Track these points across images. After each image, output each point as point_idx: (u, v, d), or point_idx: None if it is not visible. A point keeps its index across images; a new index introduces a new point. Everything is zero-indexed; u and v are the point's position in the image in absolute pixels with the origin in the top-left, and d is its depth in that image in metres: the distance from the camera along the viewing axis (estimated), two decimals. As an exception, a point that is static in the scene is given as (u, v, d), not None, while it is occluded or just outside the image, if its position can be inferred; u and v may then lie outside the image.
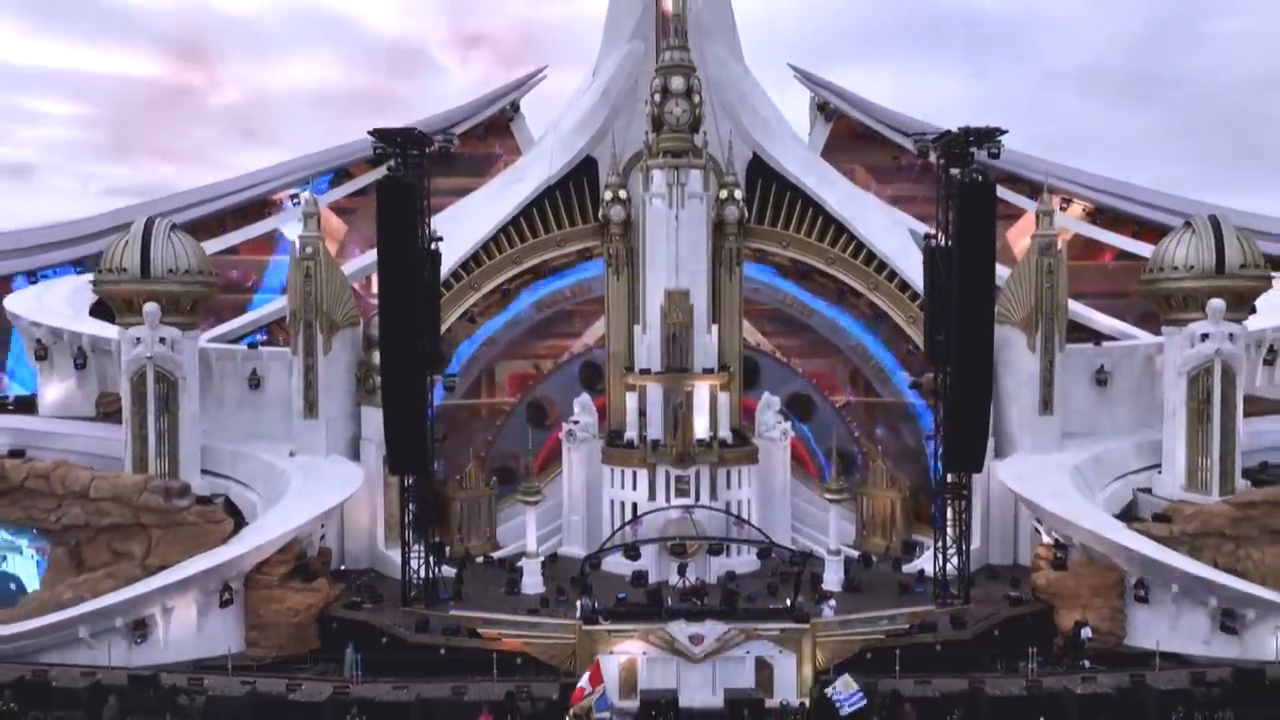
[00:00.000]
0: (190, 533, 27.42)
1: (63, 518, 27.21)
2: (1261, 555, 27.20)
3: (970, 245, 26.95)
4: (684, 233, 33.80)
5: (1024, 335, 32.20)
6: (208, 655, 26.33)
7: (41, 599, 26.84)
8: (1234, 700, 22.27)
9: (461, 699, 22.38)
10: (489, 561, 33.45)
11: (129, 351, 28.59)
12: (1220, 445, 28.58)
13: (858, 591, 29.67)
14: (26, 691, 22.76)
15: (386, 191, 27.01)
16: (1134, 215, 40.96)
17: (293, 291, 31.94)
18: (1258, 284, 29.18)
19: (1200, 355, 28.71)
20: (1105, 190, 41.25)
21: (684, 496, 31.07)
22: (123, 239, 29.06)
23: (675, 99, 33.75)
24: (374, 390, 32.33)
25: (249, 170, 41.39)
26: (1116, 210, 41.21)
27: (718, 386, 33.53)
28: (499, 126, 42.92)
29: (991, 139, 27.53)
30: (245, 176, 40.80)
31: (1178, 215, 39.37)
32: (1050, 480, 30.02)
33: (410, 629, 26.07)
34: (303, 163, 41.02)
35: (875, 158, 42.42)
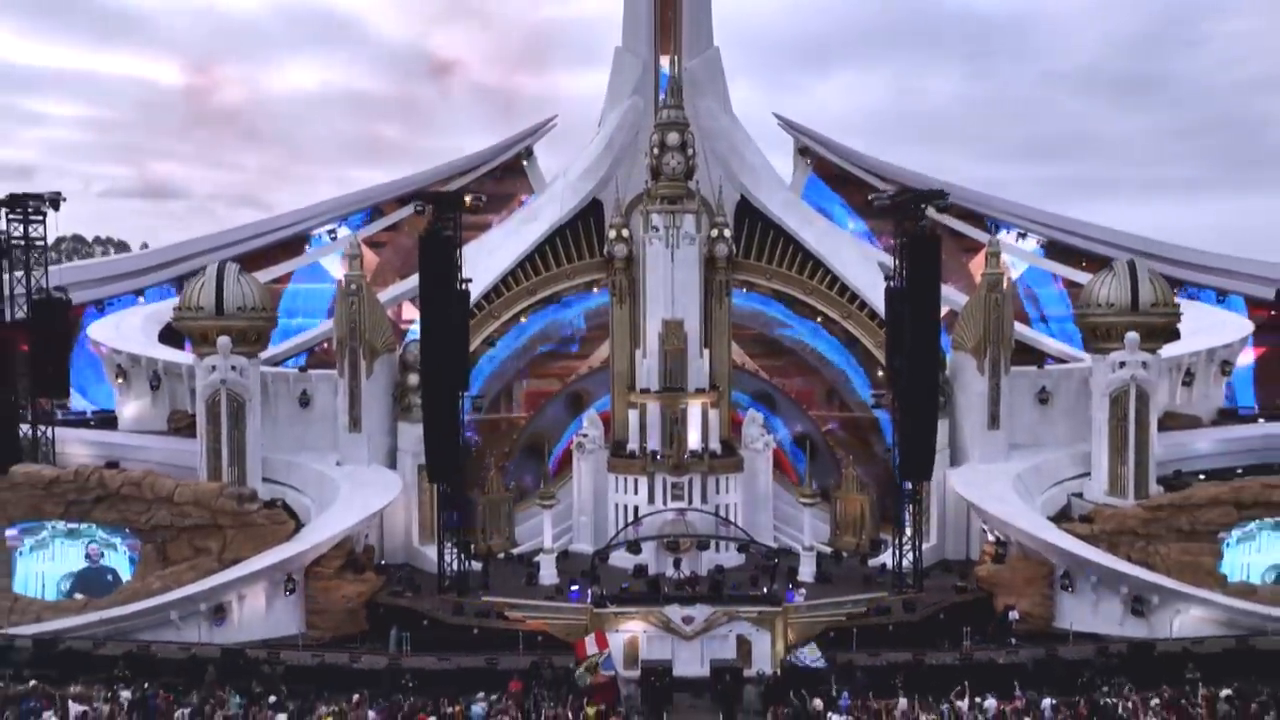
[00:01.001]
0: (259, 532, 32.27)
1: (151, 519, 32.02)
2: (1168, 550, 32.02)
3: (919, 289, 31.86)
4: (679, 269, 38.65)
5: (974, 360, 37.05)
6: (274, 635, 31.21)
7: (134, 588, 31.72)
8: (1127, 669, 27.03)
9: (495, 668, 27.17)
10: (509, 557, 38.28)
11: (204, 377, 33.49)
12: (1135, 456, 33.44)
13: (828, 582, 34.48)
14: (134, 662, 27.53)
15: (428, 244, 31.93)
16: (1083, 250, 45.86)
17: (339, 322, 36.82)
18: (1167, 320, 34.10)
19: (1119, 380, 33.60)
20: (1056, 226, 46.15)
21: (679, 500, 35.92)
22: (199, 281, 34.00)
23: (671, 152, 38.64)
24: (409, 408, 37.30)
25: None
26: (1066, 244, 46.14)
27: (709, 404, 38.39)
28: (514, 168, 47.88)
29: (936, 199, 32.32)
30: (288, 214, 45.70)
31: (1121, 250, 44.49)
32: (994, 486, 34.85)
33: (449, 613, 30.93)
34: (339, 202, 45.98)
35: (851, 196, 47.33)
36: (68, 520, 31.99)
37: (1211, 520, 32.12)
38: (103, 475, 32.18)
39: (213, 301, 33.42)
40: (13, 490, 31.76)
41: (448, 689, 25.75)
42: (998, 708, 24.25)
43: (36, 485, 31.83)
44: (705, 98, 43.23)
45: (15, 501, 31.83)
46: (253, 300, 34.15)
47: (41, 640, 28.24)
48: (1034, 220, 46.18)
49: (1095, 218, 46.22)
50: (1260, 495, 32.23)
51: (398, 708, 23.95)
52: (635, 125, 42.94)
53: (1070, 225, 46.07)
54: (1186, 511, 32.26)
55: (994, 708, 24.24)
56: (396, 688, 26.07)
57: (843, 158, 46.67)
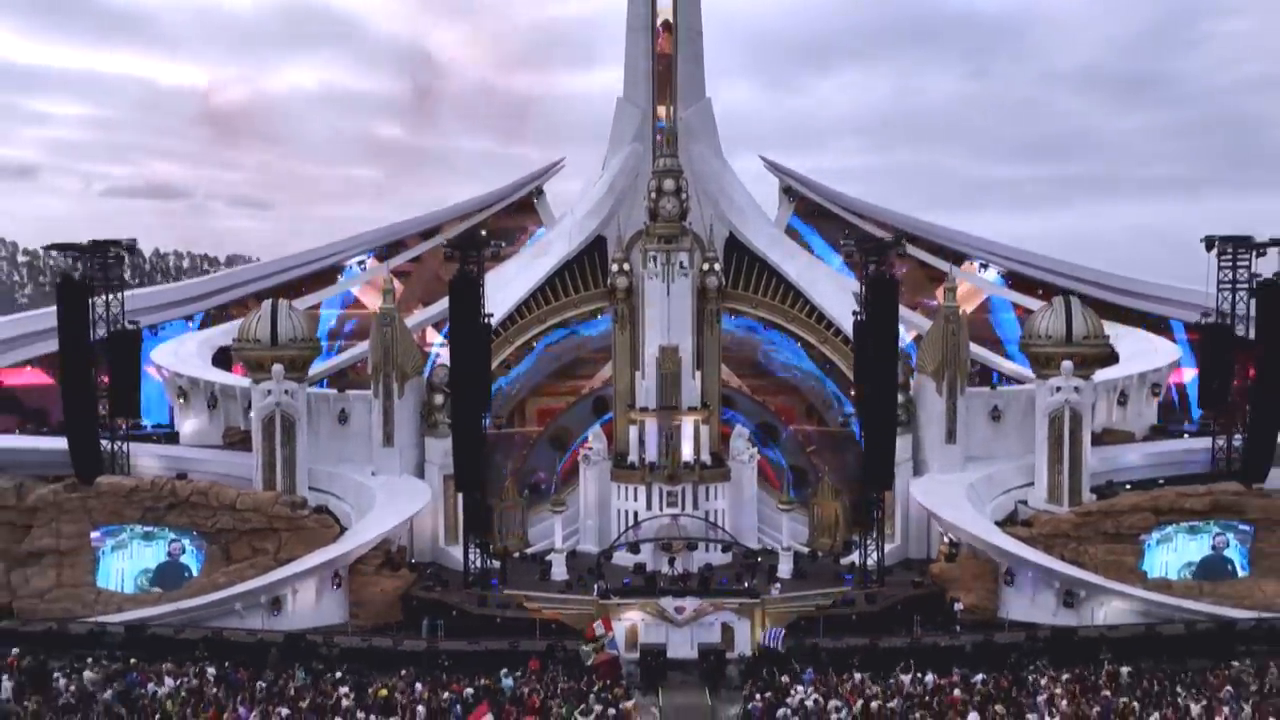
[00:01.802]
0: (309, 534, 37.25)
1: (216, 523, 37.00)
2: (1095, 551, 36.98)
3: (879, 325, 36.87)
4: (674, 300, 43.55)
5: (934, 382, 42.04)
6: (323, 624, 36.17)
7: (202, 583, 36.73)
8: (1051, 651, 32.01)
9: (517, 649, 32.12)
10: (522, 557, 43.20)
11: (260, 400, 38.45)
12: (1069, 469, 38.39)
13: (804, 579, 39.46)
14: (211, 645, 32.49)
15: (458, 285, 36.93)
16: (1039, 280, 50.83)
17: (374, 349, 41.72)
18: (1097, 350, 39.10)
19: (1056, 403, 38.54)
20: (1015, 258, 51.13)
21: (673, 507, 40.86)
22: (256, 316, 38.98)
23: (667, 196, 43.47)
24: (435, 424, 42.22)
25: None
26: (1024, 275, 51.12)
27: (700, 420, 43.36)
28: (525, 205, 52.90)
29: (894, 248, 37.34)
30: (323, 248, 50.67)
31: (1071, 279, 49.60)
32: (949, 494, 39.77)
33: (475, 604, 35.92)
34: (368, 237, 50.96)
35: (829, 230, 52.28)
36: (144, 524, 36.96)
37: (1133, 524, 37.12)
38: (174, 485, 37.19)
39: (268, 334, 38.40)
40: (98, 498, 36.75)
41: (478, 667, 30.77)
42: (936, 681, 29.25)
43: (118, 494, 36.85)
44: (698, 144, 48.23)
45: (100, 508, 36.81)
46: (301, 332, 39.16)
47: (132, 626, 33.21)
48: (995, 253, 51.12)
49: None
50: (1175, 503, 37.25)
51: (439, 682, 28.91)
52: (635, 169, 47.93)
53: (1027, 257, 51.02)
54: (1112, 517, 37.27)
55: (933, 681, 29.22)
56: (435, 666, 31.06)
57: (822, 196, 51.63)
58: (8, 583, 36.79)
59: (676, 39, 47.64)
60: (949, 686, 28.68)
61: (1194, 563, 37.54)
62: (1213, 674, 29.48)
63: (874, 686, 28.42)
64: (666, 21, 48.00)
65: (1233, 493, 37.41)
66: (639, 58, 48.09)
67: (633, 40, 48.11)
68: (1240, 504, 37.20)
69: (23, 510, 37.06)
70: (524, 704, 26.78)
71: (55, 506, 36.72)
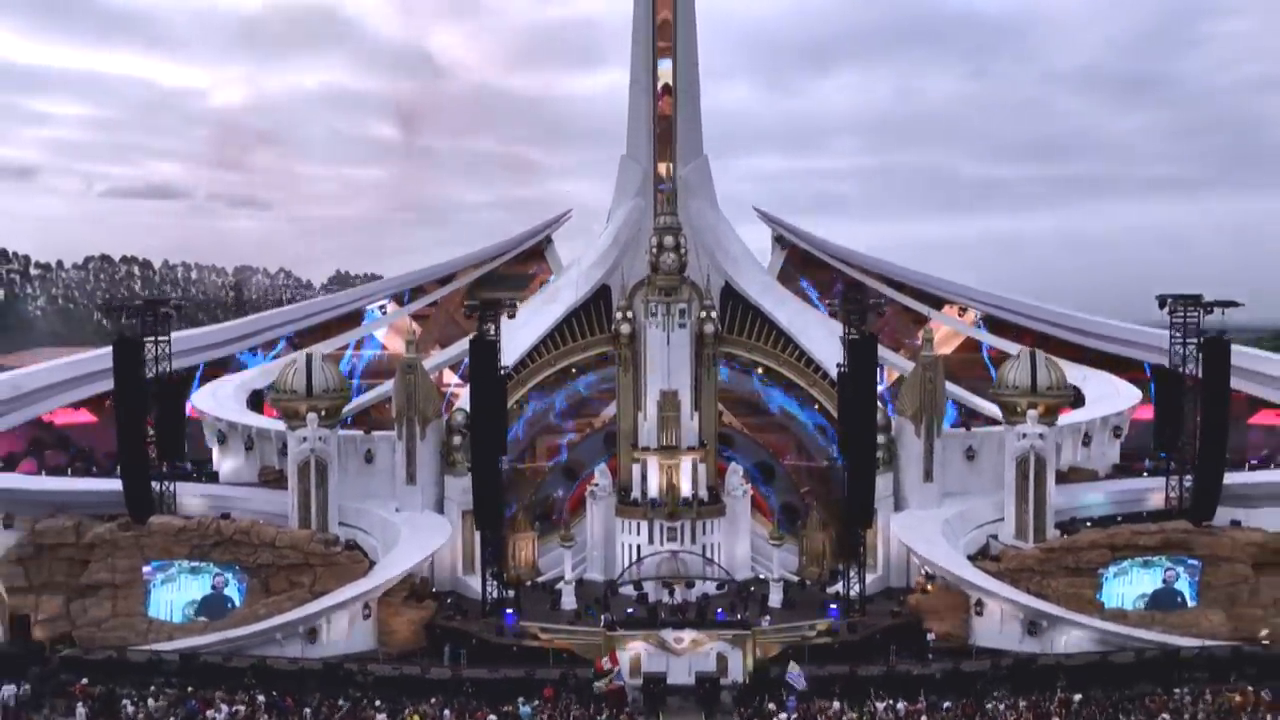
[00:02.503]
0: (342, 570, 40.85)
1: (257, 559, 40.63)
2: (1057, 584, 40.53)
3: (859, 379, 40.53)
4: (674, 349, 47.21)
5: (912, 424, 45.68)
6: (354, 650, 39.76)
7: (244, 613, 40.34)
8: (1012, 679, 35.64)
9: (533, 677, 35.76)
10: (534, 585, 46.81)
11: (296, 446, 42.08)
12: (1035, 508, 42.03)
13: (793, 608, 43.07)
14: (257, 673, 36.14)
15: (478, 346, 40.62)
16: (1015, 324, 54.43)
17: (398, 395, 45.39)
18: (1060, 399, 42.74)
19: (1023, 447, 42.19)
20: (993, 303, 54.75)
21: (673, 541, 44.56)
22: (292, 368, 42.61)
23: (667, 251, 47.14)
24: (454, 463, 45.87)
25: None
26: (1000, 319, 54.75)
27: (698, 459, 47.01)
28: (535, 252, 56.61)
29: (876, 309, 41.02)
30: (345, 293, 54.40)
31: (1043, 323, 53.27)
32: (926, 530, 43.38)
33: (493, 634, 39.55)
34: (389, 283, 54.69)
35: (819, 276, 55.96)
36: (191, 559, 40.57)
37: (1092, 560, 40.71)
38: (219, 525, 40.85)
39: (304, 385, 42.06)
40: (150, 536, 40.39)
41: (498, 694, 34.42)
42: (907, 708, 32.90)
43: (168, 533, 40.48)
44: (696, 199, 51.94)
45: (151, 545, 40.44)
46: (334, 383, 42.83)
47: (186, 655, 36.86)
48: (972, 298, 54.78)
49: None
50: (1130, 540, 40.86)
51: (465, 708, 32.57)
52: (637, 223, 51.61)
53: (1004, 302, 54.64)
54: (1073, 553, 40.86)
55: (904, 708, 32.89)
56: (460, 693, 34.71)
57: (809, 243, 55.31)
58: (68, 613, 40.37)
59: (676, 102, 51.32)
60: (918, 714, 32.35)
61: (1147, 594, 41.08)
62: (1152, 700, 33.14)
63: (851, 713, 32.08)
64: (667, 85, 51.69)
65: (1182, 530, 41.02)
66: (641, 118, 51.74)
67: (635, 102, 51.78)
68: (1189, 541, 40.82)
69: (81, 547, 40.70)
70: (542, 730, 30.47)
71: (111, 544, 40.36)
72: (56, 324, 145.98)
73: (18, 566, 40.80)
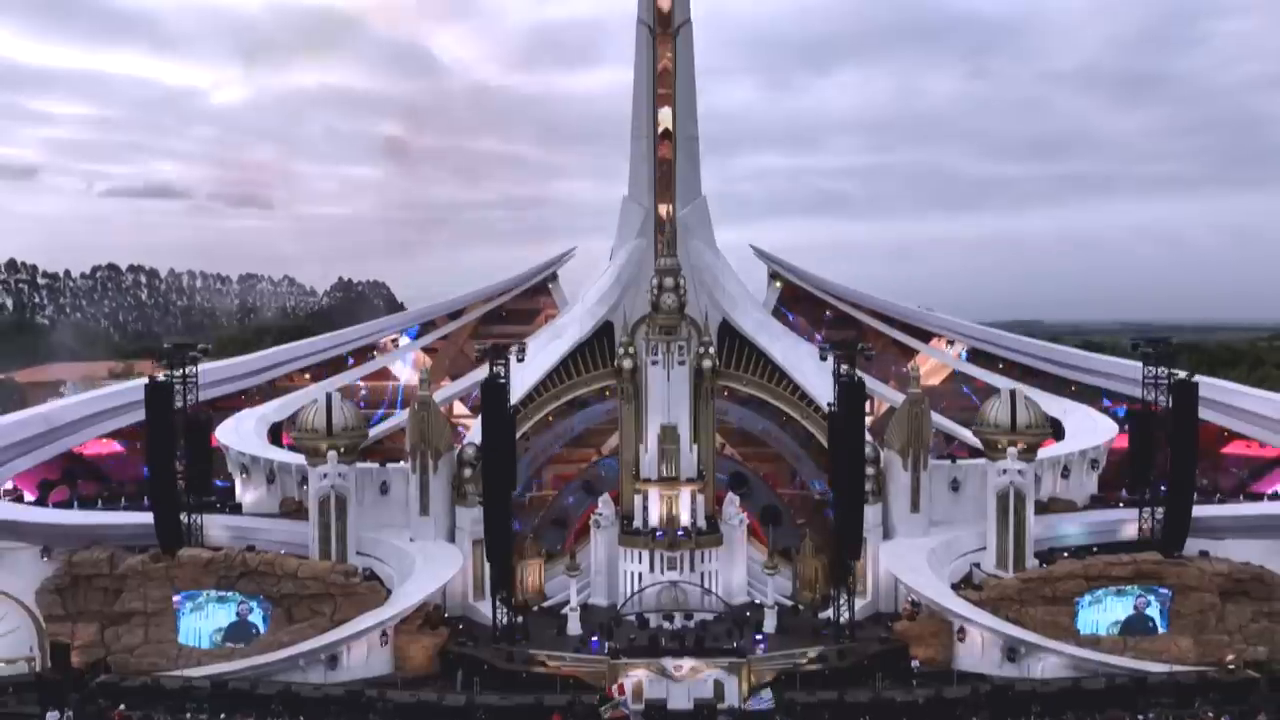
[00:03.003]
0: (360, 599, 43.28)
1: (280, 589, 43.05)
2: (1035, 612, 42.99)
3: (847, 421, 43.01)
4: (673, 385, 49.64)
5: (900, 458, 48.17)
6: (372, 674, 42.19)
7: (268, 640, 42.79)
8: (990, 705, 38.11)
9: (542, 704, 38.24)
10: (541, 610, 49.23)
11: (317, 482, 44.54)
12: (1015, 539, 44.50)
13: (786, 633, 45.48)
14: (285, 700, 38.59)
15: (489, 388, 43.07)
16: (998, 355, 57.00)
17: (412, 431, 47.86)
18: (1038, 437, 45.20)
19: (1003, 483, 44.68)
20: (977, 336, 57.29)
21: (673, 569, 47.03)
22: (313, 409, 45.04)
23: (667, 292, 49.58)
24: (464, 495, 48.31)
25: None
26: (986, 351, 57.31)
27: (696, 490, 49.46)
28: (540, 288, 59.16)
29: (864, 354, 43.48)
30: (362, 327, 56.93)
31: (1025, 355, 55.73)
32: (912, 559, 45.80)
33: (503, 660, 41.99)
34: (403, 317, 57.24)
35: (812, 310, 58.52)
36: (219, 589, 43.04)
37: (1068, 589, 43.17)
38: (245, 557, 43.31)
39: (324, 425, 44.52)
40: (180, 568, 42.85)
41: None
42: (891, 734, 35.38)
43: (197, 564, 42.94)
44: (694, 238, 54.46)
45: (181, 576, 42.89)
46: (352, 422, 45.30)
47: (216, 682, 39.31)
48: (959, 331, 57.31)
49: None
50: (1104, 570, 43.33)
51: (479, 735, 35.02)
52: (640, 261, 54.13)
53: (988, 335, 57.20)
54: (1050, 582, 43.32)
55: (888, 734, 35.37)
56: (474, 718, 37.15)
57: (801, 279, 57.86)
58: (102, 639, 42.82)
59: (675, 147, 53.82)
60: (900, 739, 34.81)
61: (1120, 621, 43.52)
62: (1120, 726, 35.64)
63: (838, 739, 34.54)
64: (666, 130, 54.18)
65: (1153, 561, 43.50)
66: (642, 163, 54.25)
67: (636, 147, 54.28)
68: (1159, 571, 43.29)
69: (114, 577, 43.15)
70: (551, 756, 32.93)
71: (143, 575, 42.84)
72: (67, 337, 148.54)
73: (55, 596, 43.23)
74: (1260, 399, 52.87)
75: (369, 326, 57.32)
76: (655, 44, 53.44)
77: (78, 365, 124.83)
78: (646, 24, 53.61)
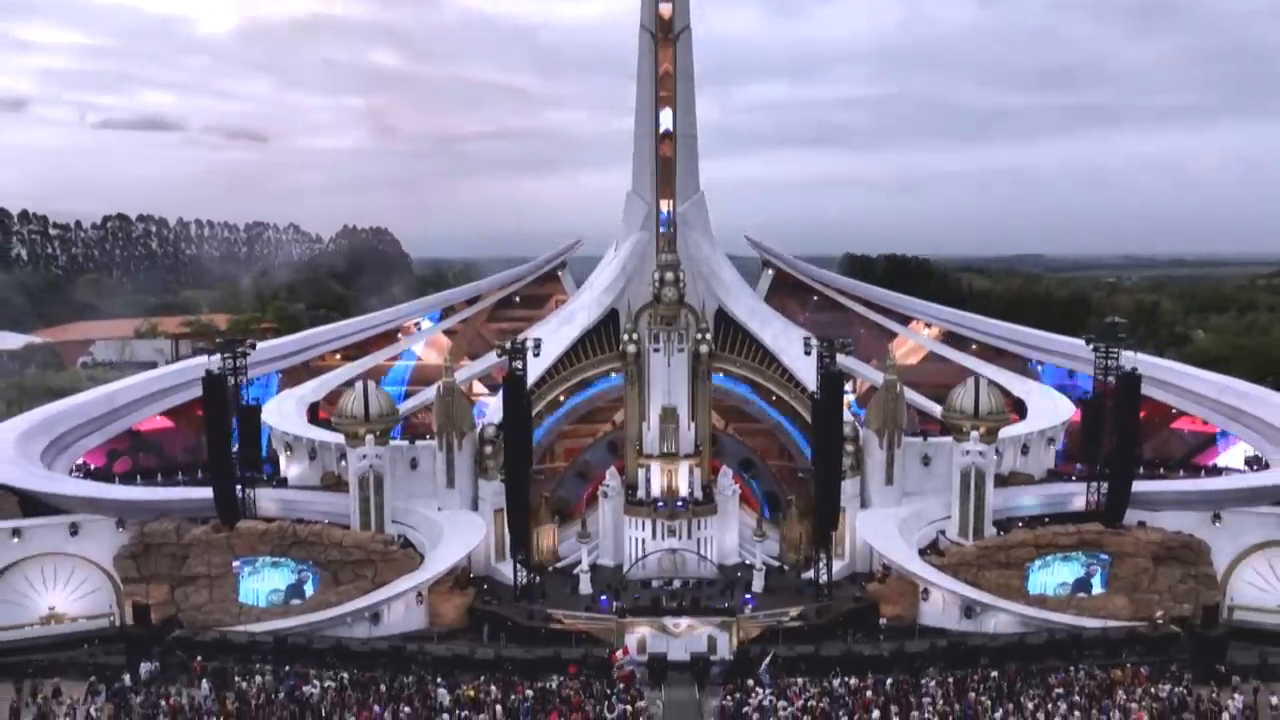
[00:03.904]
0: (398, 564, 49.24)
1: (328, 556, 48.94)
2: (991, 575, 48.91)
3: (827, 407, 48.46)
4: (673, 370, 54.97)
5: (876, 436, 53.75)
6: (409, 629, 48.38)
7: (318, 600, 48.87)
8: (946, 657, 44.23)
9: (559, 656, 44.40)
10: (555, 570, 55.26)
11: (356, 462, 50.14)
12: (975, 512, 50.30)
13: (772, 592, 51.56)
14: (337, 652, 44.75)
15: (511, 382, 48.41)
16: (971, 338, 62.14)
17: (439, 414, 53.33)
18: (999, 422, 50.66)
19: (966, 462, 50.30)
20: (950, 320, 62.38)
21: (673, 537, 52.96)
22: (351, 396, 50.42)
23: (668, 285, 54.65)
24: (486, 469, 54.04)
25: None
26: (959, 334, 62.45)
27: (694, 464, 55.15)
28: (550, 276, 64.06)
29: (843, 350, 48.72)
30: (386, 312, 62.03)
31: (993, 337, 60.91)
32: (885, 527, 51.67)
33: (524, 617, 48.10)
34: (424, 303, 62.27)
35: (801, 295, 63.49)
36: (273, 556, 48.97)
37: (1020, 555, 49.02)
38: (295, 529, 49.16)
39: (362, 411, 49.98)
40: (239, 538, 48.71)
41: (531, 670, 43.02)
42: (858, 683, 41.49)
43: (254, 534, 48.80)
44: (694, 232, 59.20)
45: (240, 544, 48.77)
46: (386, 408, 50.75)
47: (278, 637, 45.43)
48: (935, 316, 62.40)
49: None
50: (1052, 540, 49.12)
51: (509, 683, 41.16)
52: (642, 253, 58.97)
53: (960, 319, 62.29)
54: (1005, 549, 49.18)
55: (855, 683, 41.48)
56: (501, 669, 43.32)
57: (792, 268, 62.74)
58: (172, 598, 48.87)
59: (675, 146, 58.20)
60: (864, 689, 40.95)
61: (1066, 583, 49.54)
62: (1054, 676, 41.74)
63: (812, 689, 40.69)
64: (667, 131, 58.50)
65: (1095, 531, 49.32)
66: (645, 161, 58.69)
67: (639, 147, 58.69)
68: (1100, 540, 49.12)
69: (181, 545, 49.00)
70: (570, 703, 39.09)
71: (206, 544, 48.71)
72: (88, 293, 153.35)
73: (130, 561, 49.16)
74: (1203, 380, 58.25)
75: (394, 311, 62.41)
76: (657, 49, 57.42)
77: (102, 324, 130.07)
78: (649, 30, 57.50)
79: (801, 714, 38.41)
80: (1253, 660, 44.53)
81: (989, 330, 60.83)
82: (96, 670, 43.58)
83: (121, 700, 39.78)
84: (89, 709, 38.82)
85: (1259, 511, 48.98)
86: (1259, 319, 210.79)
